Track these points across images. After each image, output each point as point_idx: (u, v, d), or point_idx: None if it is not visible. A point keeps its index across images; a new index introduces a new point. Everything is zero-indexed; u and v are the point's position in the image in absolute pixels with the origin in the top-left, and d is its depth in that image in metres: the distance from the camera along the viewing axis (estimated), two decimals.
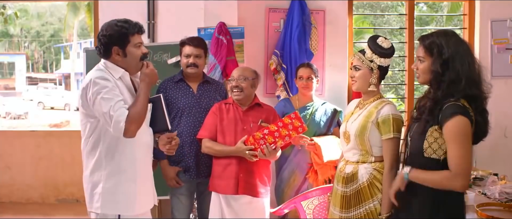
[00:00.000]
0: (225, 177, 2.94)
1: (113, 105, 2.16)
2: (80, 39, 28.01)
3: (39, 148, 5.55)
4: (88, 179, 2.32)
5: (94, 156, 2.28)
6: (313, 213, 3.12)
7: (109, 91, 2.18)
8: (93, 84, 2.20)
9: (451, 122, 1.92)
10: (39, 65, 35.22)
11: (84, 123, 2.31)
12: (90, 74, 2.27)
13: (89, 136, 2.29)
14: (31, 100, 24.99)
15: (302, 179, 3.51)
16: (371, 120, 2.38)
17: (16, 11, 16.30)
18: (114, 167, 2.27)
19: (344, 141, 2.53)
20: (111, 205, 2.27)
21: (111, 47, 2.29)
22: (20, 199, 5.48)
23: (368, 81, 2.43)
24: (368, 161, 2.41)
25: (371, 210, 2.36)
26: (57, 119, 17.88)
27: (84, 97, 2.24)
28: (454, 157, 1.92)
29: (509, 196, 2.81)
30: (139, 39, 2.35)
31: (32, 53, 33.90)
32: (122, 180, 2.29)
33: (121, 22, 2.30)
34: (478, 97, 1.99)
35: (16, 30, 30.74)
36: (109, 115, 2.15)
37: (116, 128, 2.15)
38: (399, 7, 14.77)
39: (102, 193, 2.26)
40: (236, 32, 3.89)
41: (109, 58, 2.33)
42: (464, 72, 1.97)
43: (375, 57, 2.40)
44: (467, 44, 2.07)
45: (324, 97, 4.05)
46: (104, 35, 2.30)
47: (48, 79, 32.47)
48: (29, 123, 18.12)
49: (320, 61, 4.17)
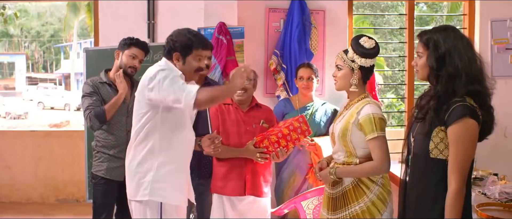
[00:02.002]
0: (232, 178, 2.93)
1: (181, 83, 2.28)
2: (80, 39, 28.01)
3: (39, 148, 5.55)
4: (135, 170, 2.41)
5: (146, 145, 2.38)
6: (313, 213, 3.12)
7: (177, 77, 2.30)
8: (161, 71, 2.30)
9: (459, 125, 1.87)
10: (39, 65, 35.24)
11: (140, 113, 2.40)
12: (155, 67, 2.37)
13: (143, 126, 2.38)
14: (31, 100, 25.02)
15: (302, 179, 3.51)
16: (352, 121, 2.33)
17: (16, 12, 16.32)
18: (166, 157, 2.38)
19: (331, 143, 2.51)
20: (159, 192, 2.37)
21: (174, 52, 2.43)
22: (20, 199, 5.48)
23: (349, 82, 2.37)
24: (353, 162, 2.36)
25: (357, 212, 2.32)
26: (57, 119, 17.90)
27: (147, 86, 2.32)
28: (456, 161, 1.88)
29: (509, 196, 2.81)
30: (202, 53, 2.47)
31: (32, 53, 33.91)
32: (173, 169, 2.40)
33: (190, 34, 2.45)
34: (482, 94, 1.94)
35: (16, 30, 30.74)
36: (179, 89, 2.24)
37: (188, 96, 2.22)
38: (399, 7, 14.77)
39: (151, 181, 2.36)
40: (236, 32, 3.89)
41: (169, 60, 2.46)
42: (464, 68, 1.92)
43: (356, 57, 2.34)
44: (468, 40, 2.02)
45: (324, 97, 4.05)
46: (171, 39, 2.45)
47: (48, 79, 32.48)
48: (29, 123, 18.14)
49: (320, 61, 4.17)
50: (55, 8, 30.63)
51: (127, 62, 3.12)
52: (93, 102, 3.05)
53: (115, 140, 3.10)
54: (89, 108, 3.04)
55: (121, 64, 3.14)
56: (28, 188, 5.49)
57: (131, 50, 3.13)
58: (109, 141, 3.11)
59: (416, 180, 2.05)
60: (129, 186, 2.45)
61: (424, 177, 2.01)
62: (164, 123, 2.37)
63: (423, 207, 2.01)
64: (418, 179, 2.04)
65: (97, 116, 3.02)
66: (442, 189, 1.92)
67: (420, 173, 2.03)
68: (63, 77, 31.46)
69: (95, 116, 3.02)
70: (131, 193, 2.44)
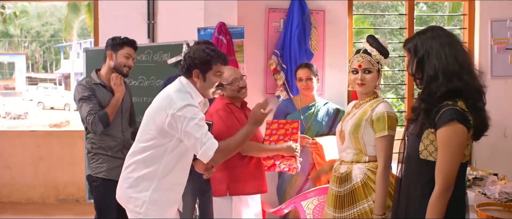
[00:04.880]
0: (257, 177, 2.95)
1: (204, 133, 2.27)
2: (80, 39, 28.00)
3: (39, 148, 5.56)
4: (131, 181, 2.40)
5: (149, 167, 2.37)
6: (313, 213, 3.12)
7: (202, 120, 2.30)
8: (190, 109, 2.28)
9: (447, 128, 1.87)
10: (39, 65, 35.23)
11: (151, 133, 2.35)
12: (181, 98, 2.32)
13: (152, 147, 2.36)
14: (31, 100, 25.02)
15: (304, 179, 3.50)
16: (366, 118, 2.36)
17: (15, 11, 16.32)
18: (165, 183, 2.38)
19: (339, 141, 2.52)
20: (154, 214, 2.38)
21: (193, 69, 2.39)
22: (20, 199, 5.48)
23: (375, 84, 2.41)
24: (362, 160, 2.38)
25: (365, 210, 2.34)
26: (57, 119, 17.90)
27: (174, 120, 2.27)
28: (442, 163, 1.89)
29: (509, 196, 2.81)
30: (220, 68, 2.44)
31: (32, 53, 33.91)
32: (169, 195, 2.42)
33: (208, 49, 2.41)
34: (465, 90, 1.91)
35: (16, 30, 30.75)
36: (201, 141, 2.25)
37: (205, 155, 2.26)
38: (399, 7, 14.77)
39: (147, 202, 2.36)
40: (236, 32, 3.89)
41: (189, 78, 2.42)
42: (440, 67, 1.91)
43: (381, 58, 2.39)
44: (448, 35, 1.98)
45: (324, 97, 4.05)
46: (190, 56, 2.41)
47: (48, 80, 32.47)
48: (29, 123, 18.15)
49: (320, 61, 4.17)
50: (55, 8, 30.64)
51: (122, 62, 3.12)
52: (93, 106, 3.03)
53: (112, 140, 3.10)
54: (91, 113, 3.01)
55: (115, 64, 3.13)
56: (28, 188, 5.50)
57: (125, 50, 3.13)
58: (107, 142, 3.09)
59: (408, 179, 2.08)
60: (120, 189, 2.48)
61: (414, 177, 2.03)
62: (173, 150, 2.36)
63: (412, 206, 2.03)
64: (409, 178, 2.06)
65: (102, 120, 3.01)
66: (429, 190, 1.93)
67: (411, 173, 2.05)
68: (63, 77, 31.46)
69: (100, 120, 3.00)
70: (121, 198, 2.48)
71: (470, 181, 3.21)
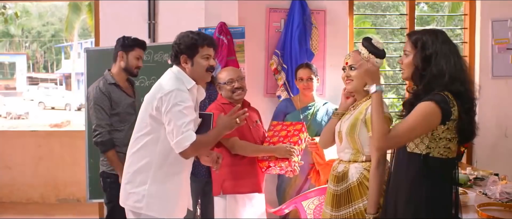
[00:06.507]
0: (251, 176, 2.98)
1: (186, 122, 2.26)
2: (81, 39, 28.01)
3: (39, 148, 5.56)
4: (129, 176, 2.41)
5: (145, 157, 2.37)
6: (314, 213, 3.12)
7: (189, 108, 2.30)
8: (177, 94, 2.29)
9: (422, 103, 1.93)
10: (39, 65, 35.26)
11: (145, 121, 2.38)
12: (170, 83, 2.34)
13: (146, 136, 2.37)
14: (32, 100, 25.03)
15: (304, 179, 3.50)
16: (361, 117, 2.38)
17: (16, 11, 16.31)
18: (163, 172, 2.37)
19: (338, 141, 2.53)
20: (155, 208, 2.36)
21: (181, 55, 2.42)
22: (20, 199, 5.49)
23: (364, 81, 2.41)
24: (359, 160, 2.40)
25: (361, 209, 2.34)
26: (58, 119, 17.88)
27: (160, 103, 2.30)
28: (398, 125, 1.97)
29: (510, 196, 2.81)
30: (208, 51, 2.45)
31: (33, 53, 33.94)
32: (168, 186, 2.39)
33: (193, 33, 2.44)
34: (463, 95, 1.96)
35: (17, 30, 30.77)
36: (180, 130, 2.24)
37: (179, 144, 2.25)
38: (400, 7, 14.76)
39: (146, 196, 2.35)
40: (236, 32, 3.89)
41: (179, 65, 2.46)
42: (448, 69, 1.96)
43: (372, 58, 2.38)
44: (455, 46, 2.06)
45: (325, 97, 4.05)
46: (176, 43, 2.45)
47: (49, 79, 32.51)
48: (29, 123, 18.15)
49: (320, 61, 4.17)
50: (56, 8, 30.66)
51: (134, 63, 3.15)
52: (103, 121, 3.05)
53: (125, 138, 3.10)
54: (99, 131, 3.05)
55: (126, 66, 3.15)
56: (29, 188, 5.50)
57: (136, 51, 3.16)
58: (120, 140, 3.10)
59: (397, 174, 2.11)
60: (122, 189, 2.47)
61: (402, 169, 2.08)
62: (166, 138, 2.34)
63: (399, 198, 2.06)
64: (398, 171, 2.11)
65: (103, 144, 3.06)
66: (417, 182, 1.98)
67: (399, 165, 2.10)
68: (64, 77, 31.49)
69: (102, 143, 3.06)
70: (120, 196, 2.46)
71: (471, 181, 3.21)
